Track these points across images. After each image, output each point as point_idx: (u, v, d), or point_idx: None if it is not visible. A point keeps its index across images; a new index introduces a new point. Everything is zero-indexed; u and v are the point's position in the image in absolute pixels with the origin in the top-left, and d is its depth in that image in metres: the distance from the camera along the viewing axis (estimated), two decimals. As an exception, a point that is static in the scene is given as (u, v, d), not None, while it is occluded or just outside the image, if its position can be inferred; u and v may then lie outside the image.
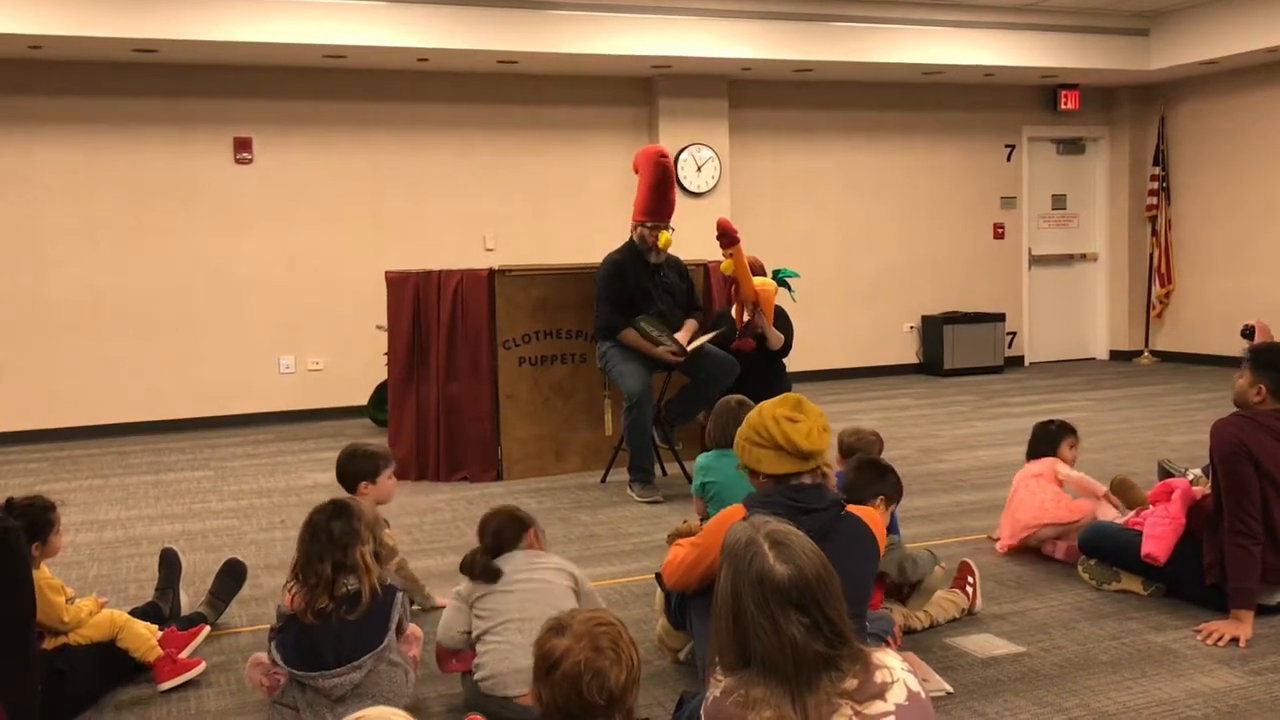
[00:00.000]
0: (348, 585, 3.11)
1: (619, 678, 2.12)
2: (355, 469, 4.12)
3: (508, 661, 3.15)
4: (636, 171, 6.38)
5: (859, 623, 2.84)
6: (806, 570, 2.01)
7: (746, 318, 6.19)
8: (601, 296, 6.24)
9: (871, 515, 3.05)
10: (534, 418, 6.75)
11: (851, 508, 3.00)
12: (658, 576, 3.69)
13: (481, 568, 3.29)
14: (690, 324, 6.39)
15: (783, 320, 6.41)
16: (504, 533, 3.38)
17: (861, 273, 10.93)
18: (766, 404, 2.94)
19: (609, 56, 9.00)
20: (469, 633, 3.28)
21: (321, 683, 3.05)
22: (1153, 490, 4.33)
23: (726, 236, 5.99)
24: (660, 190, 6.18)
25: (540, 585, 3.25)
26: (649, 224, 6.21)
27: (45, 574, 3.43)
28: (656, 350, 6.13)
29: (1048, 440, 4.95)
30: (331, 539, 3.12)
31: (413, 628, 3.38)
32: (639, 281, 6.22)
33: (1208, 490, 4.05)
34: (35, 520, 3.43)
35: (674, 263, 6.48)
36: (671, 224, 6.29)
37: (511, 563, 3.31)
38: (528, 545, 3.40)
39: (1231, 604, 3.77)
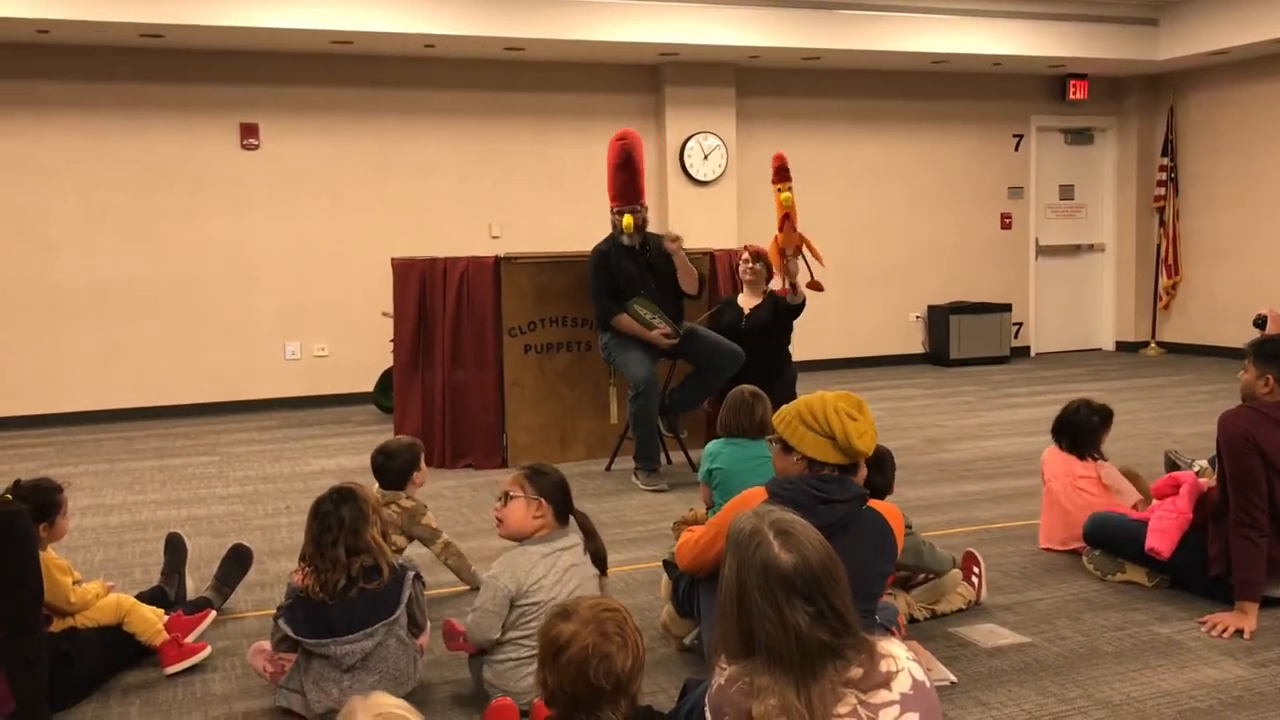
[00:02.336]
0: (363, 564, 3.17)
1: (625, 663, 2.14)
2: (400, 464, 4.18)
3: (523, 683, 3.13)
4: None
5: (868, 618, 2.84)
6: (811, 559, 2.01)
7: (786, 269, 6.10)
8: (592, 286, 6.24)
9: (892, 512, 3.03)
10: (539, 405, 6.76)
11: (874, 503, 2.99)
12: (665, 564, 3.70)
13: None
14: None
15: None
16: (569, 494, 3.32)
17: (868, 262, 10.91)
18: (830, 395, 2.97)
19: (616, 44, 8.97)
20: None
21: (333, 649, 3.09)
22: (1157, 483, 4.31)
23: (783, 171, 5.94)
24: (620, 171, 6.15)
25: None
26: (615, 208, 6.21)
27: (52, 555, 3.45)
28: (650, 334, 6.14)
29: (1090, 433, 4.69)
30: (343, 524, 3.16)
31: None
32: (623, 267, 6.21)
33: (1214, 482, 4.04)
34: (43, 501, 3.45)
35: (660, 245, 6.41)
36: (641, 204, 6.22)
37: (557, 562, 3.19)
38: None
39: (1236, 596, 3.76)
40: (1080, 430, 4.71)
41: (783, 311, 6.29)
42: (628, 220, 6.14)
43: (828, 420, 2.91)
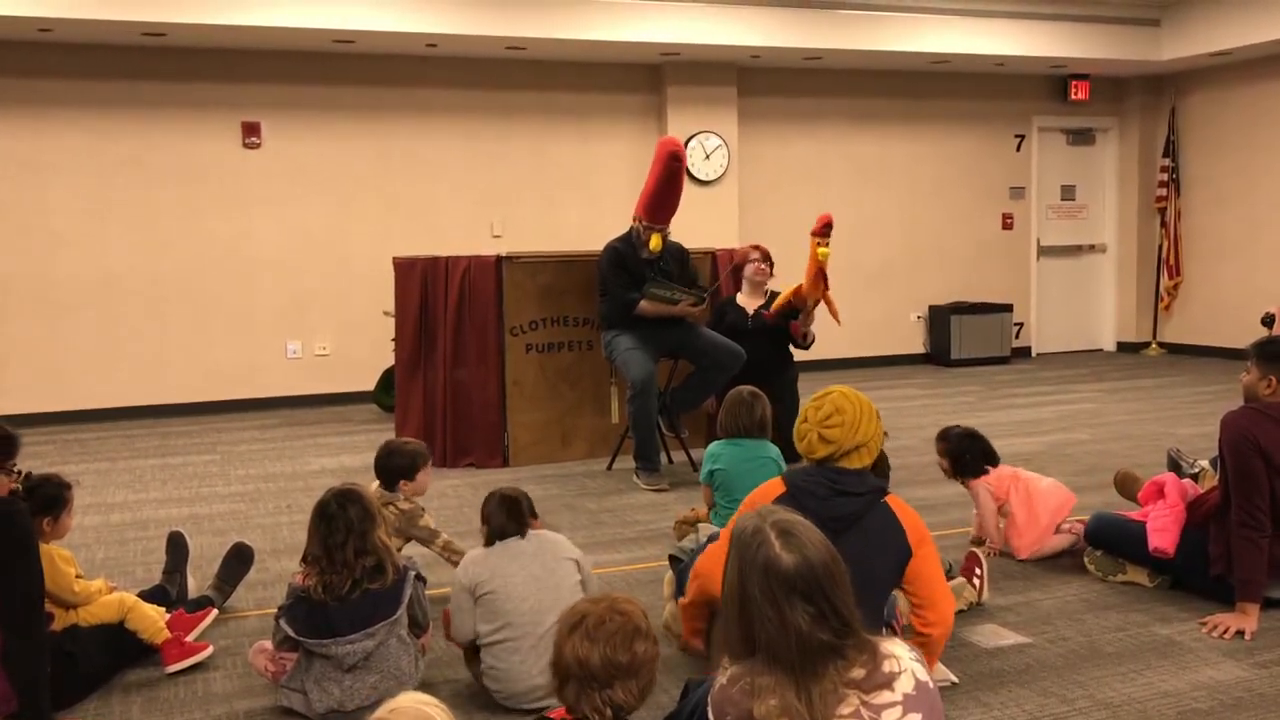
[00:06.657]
0: (367, 564, 3.18)
1: (642, 645, 2.20)
2: (395, 465, 4.18)
3: (523, 682, 3.14)
4: None
5: (875, 613, 2.82)
6: (813, 559, 2.01)
7: (803, 316, 6.36)
8: (609, 282, 6.23)
9: (907, 511, 2.99)
10: (541, 404, 6.76)
11: (891, 500, 2.97)
12: (671, 558, 3.70)
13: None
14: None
15: None
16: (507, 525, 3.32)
17: (869, 262, 10.90)
18: (831, 392, 3.04)
19: (618, 43, 8.97)
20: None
21: (334, 649, 3.09)
22: (1143, 492, 4.34)
23: (827, 229, 6.18)
24: (664, 192, 6.08)
25: (549, 588, 3.19)
26: (645, 223, 6.18)
27: (55, 547, 3.47)
28: (676, 309, 6.13)
29: (976, 443, 4.75)
30: (351, 526, 3.16)
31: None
32: (638, 270, 6.21)
33: (1213, 484, 4.05)
34: (49, 495, 3.47)
35: (675, 250, 6.43)
36: (669, 227, 6.23)
37: (518, 555, 3.24)
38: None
39: (1238, 597, 3.77)
40: (969, 451, 4.70)
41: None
42: (656, 241, 6.14)
43: (804, 424, 3.01)
